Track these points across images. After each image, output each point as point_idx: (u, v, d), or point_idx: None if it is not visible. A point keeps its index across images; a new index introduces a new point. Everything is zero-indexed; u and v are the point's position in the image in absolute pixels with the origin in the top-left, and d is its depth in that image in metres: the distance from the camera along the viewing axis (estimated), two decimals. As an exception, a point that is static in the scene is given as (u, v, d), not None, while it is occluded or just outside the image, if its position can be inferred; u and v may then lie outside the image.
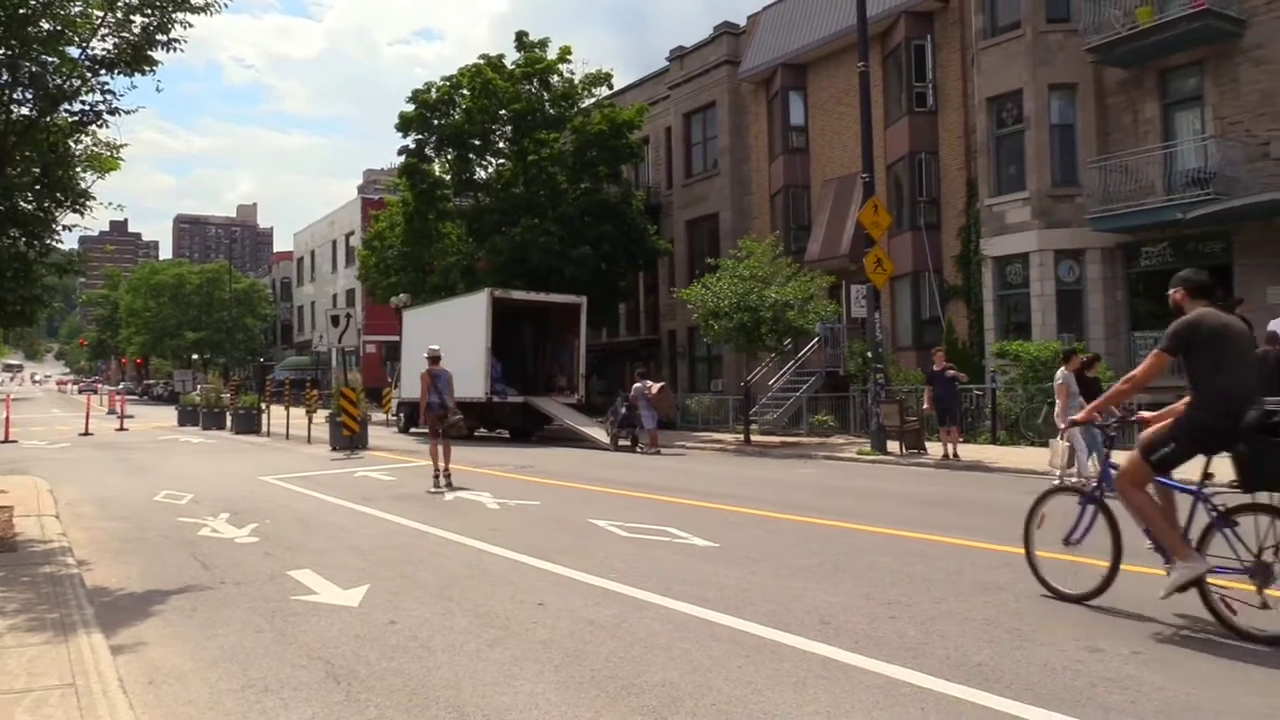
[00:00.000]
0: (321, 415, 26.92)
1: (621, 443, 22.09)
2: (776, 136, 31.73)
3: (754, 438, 23.35)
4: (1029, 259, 22.63)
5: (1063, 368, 13.31)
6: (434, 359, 15.51)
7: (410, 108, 32.16)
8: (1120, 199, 21.09)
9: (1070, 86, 22.48)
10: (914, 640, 5.48)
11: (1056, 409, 13.26)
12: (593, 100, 33.65)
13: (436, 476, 14.25)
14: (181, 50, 10.25)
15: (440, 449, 14.40)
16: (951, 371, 17.87)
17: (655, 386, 22.33)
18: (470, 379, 25.39)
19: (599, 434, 23.82)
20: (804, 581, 7.13)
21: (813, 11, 30.15)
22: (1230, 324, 5.94)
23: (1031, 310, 22.49)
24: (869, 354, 20.51)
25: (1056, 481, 12.44)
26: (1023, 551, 6.78)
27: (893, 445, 18.73)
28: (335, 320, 25.20)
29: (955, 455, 17.24)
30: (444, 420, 14.79)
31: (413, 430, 30.20)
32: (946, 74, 26.33)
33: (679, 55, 36.42)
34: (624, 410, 22.30)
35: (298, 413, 28.52)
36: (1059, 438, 12.45)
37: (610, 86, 34.39)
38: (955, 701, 4.42)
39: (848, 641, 5.46)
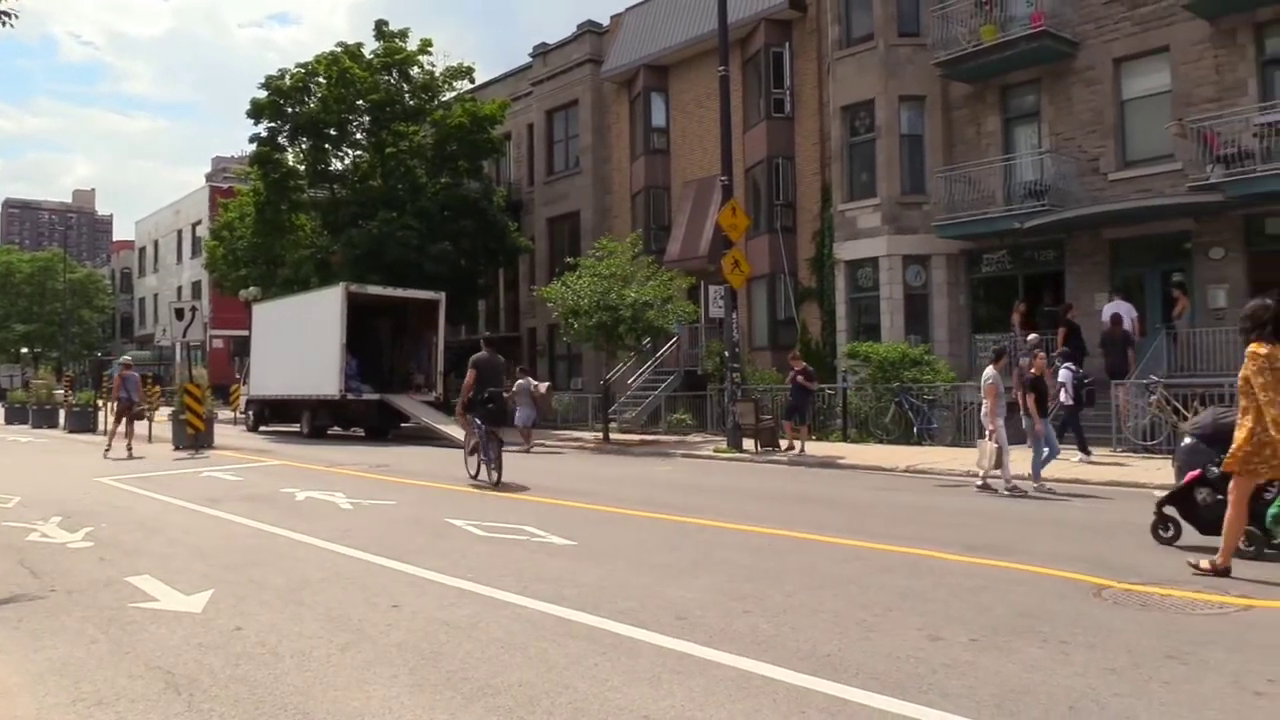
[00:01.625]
0: (164, 413, 25.75)
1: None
2: (638, 137, 31.98)
3: (613, 436, 23.47)
4: (879, 263, 23.45)
5: (990, 367, 12.99)
6: (126, 366, 21.50)
7: (263, 94, 31.07)
8: (964, 208, 22.07)
9: (919, 98, 23.40)
10: (766, 633, 5.60)
11: (984, 409, 12.81)
12: (454, 94, 33.20)
13: (108, 450, 19.68)
14: (13, 25, 9.64)
15: (124, 429, 20.13)
16: (801, 379, 18.49)
17: (543, 385, 22.45)
18: (324, 376, 24.75)
19: (458, 432, 23.46)
20: (661, 578, 7.21)
21: (675, 14, 30.49)
22: (490, 358, 15.04)
23: (881, 313, 23.31)
24: (726, 354, 20.88)
25: (979, 483, 12.66)
26: (867, 543, 7.01)
27: (748, 443, 19.12)
28: (180, 313, 24.09)
29: (802, 450, 17.82)
30: (131, 410, 20.48)
31: (263, 429, 29.24)
32: (803, 81, 27.02)
33: (542, 52, 36.29)
34: (489, 407, 22.03)
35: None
36: (987, 439, 12.69)
37: (472, 80, 33.99)
38: (805, 692, 4.55)
39: (702, 636, 5.54)
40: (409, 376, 27.87)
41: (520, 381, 22.17)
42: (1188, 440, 11.88)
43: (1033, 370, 13.23)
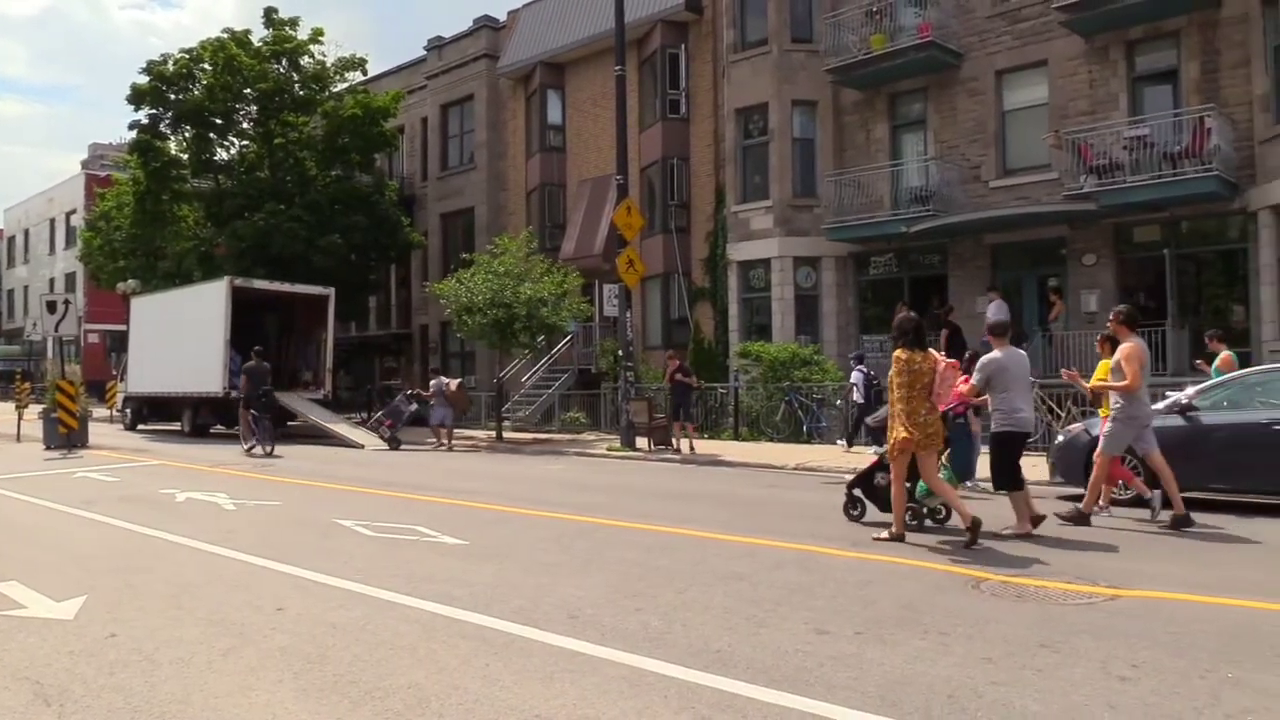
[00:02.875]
0: (34, 410, 24.63)
1: (402, 445, 21.52)
2: (534, 134, 31.84)
3: (507, 434, 23.35)
4: (771, 264, 23.82)
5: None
6: None
7: (144, 79, 29.93)
8: (853, 211, 22.58)
9: (811, 104, 23.85)
10: (658, 630, 5.65)
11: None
12: (345, 85, 32.52)
13: None
14: None
15: None
16: (680, 376, 18.70)
17: (454, 383, 22.35)
18: (206, 373, 24.01)
19: (347, 431, 23.12)
20: (553, 577, 7.20)
21: (572, 12, 30.43)
22: (258, 366, 19.94)
23: (772, 313, 23.68)
24: (620, 352, 20.95)
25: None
26: (758, 540, 7.13)
27: (641, 442, 19.22)
28: (52, 306, 23.05)
29: (692, 449, 18.03)
30: None
31: (141, 428, 28.19)
32: (699, 83, 27.27)
33: (437, 45, 35.81)
34: (411, 408, 21.84)
35: (5, 408, 25.97)
36: None
37: (364, 72, 33.36)
38: (696, 687, 4.60)
39: (594, 634, 5.56)
40: (296, 374, 27.22)
41: (434, 382, 22.13)
42: (1060, 437, 12.44)
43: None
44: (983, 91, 21.56)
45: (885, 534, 8.64)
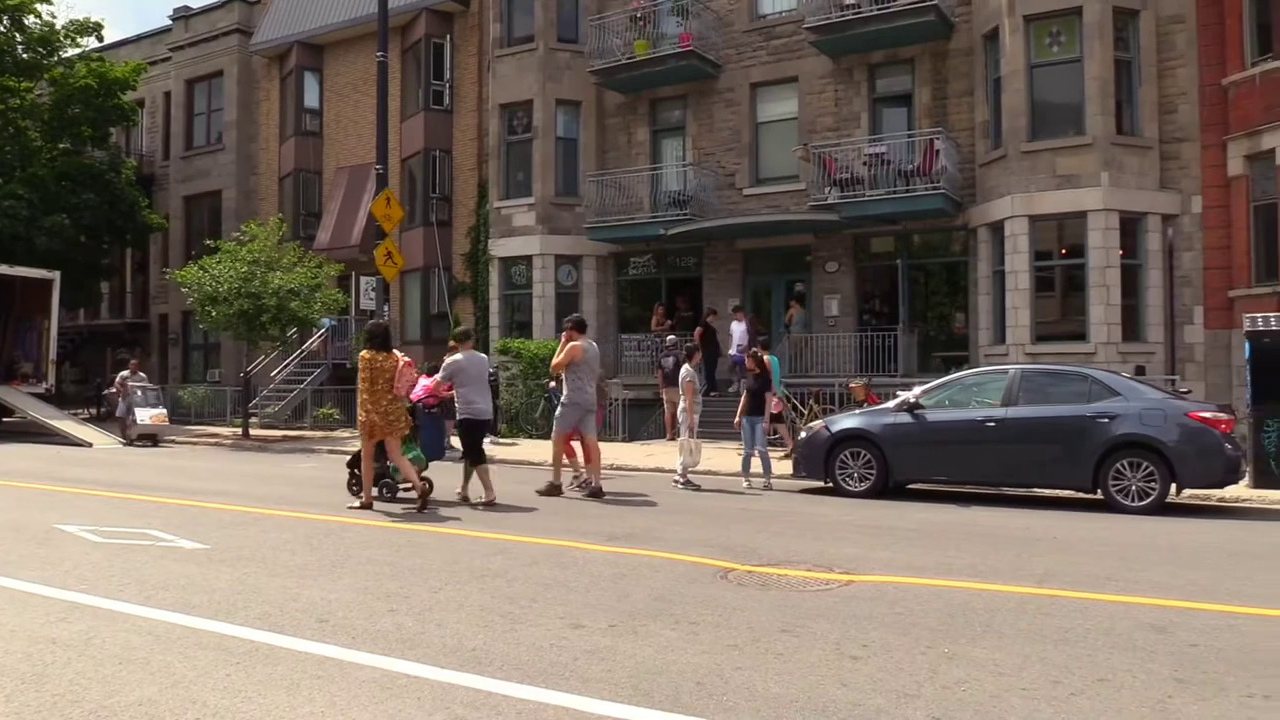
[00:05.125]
0: None
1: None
2: (289, 117, 30.49)
3: (254, 431, 22.31)
4: (532, 261, 23.90)
5: (686, 365, 13.13)
6: None
7: None
8: (613, 212, 22.99)
9: (575, 104, 24.09)
10: (411, 631, 5.55)
11: (682, 406, 12.96)
12: (78, 51, 29.90)
13: None
14: None
15: None
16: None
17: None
18: (-97, 362, 21.58)
19: (73, 428, 21.37)
20: (301, 580, 6.92)
21: (332, -8, 29.36)
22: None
23: (533, 310, 23.77)
24: (378, 346, 20.39)
25: (681, 480, 12.77)
26: (514, 536, 7.14)
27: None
28: None
29: (451, 446, 17.88)
30: None
31: None
32: (463, 76, 26.96)
33: (184, 16, 33.52)
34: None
35: None
36: (689, 436, 12.95)
37: (100, 38, 30.73)
38: (449, 687, 4.55)
39: (345, 638, 5.39)
40: (13, 365, 24.88)
41: (133, 375, 21.16)
42: (803, 434, 13.18)
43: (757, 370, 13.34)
44: (738, 103, 22.48)
45: (358, 503, 10.47)
